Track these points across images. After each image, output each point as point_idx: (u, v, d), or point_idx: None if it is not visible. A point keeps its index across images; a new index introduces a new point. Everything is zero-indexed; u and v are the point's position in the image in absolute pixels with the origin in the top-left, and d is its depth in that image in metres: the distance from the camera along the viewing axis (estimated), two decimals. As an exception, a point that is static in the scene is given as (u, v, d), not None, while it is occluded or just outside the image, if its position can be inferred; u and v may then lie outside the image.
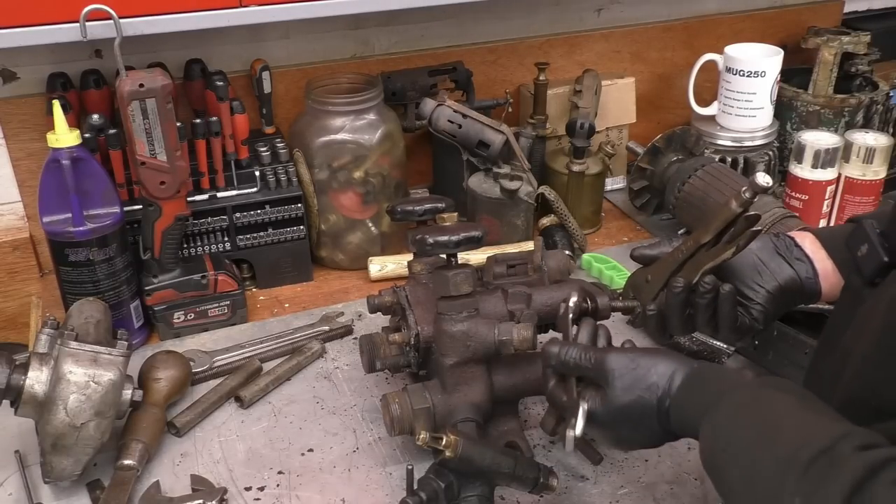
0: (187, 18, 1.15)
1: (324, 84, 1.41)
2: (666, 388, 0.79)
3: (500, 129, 1.40)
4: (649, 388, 0.79)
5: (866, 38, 1.65)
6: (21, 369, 0.94)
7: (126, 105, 1.11)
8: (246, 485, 1.00)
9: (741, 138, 1.56)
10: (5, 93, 1.31)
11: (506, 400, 1.03)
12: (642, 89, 1.71)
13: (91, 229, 1.14)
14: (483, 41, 1.60)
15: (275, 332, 1.26)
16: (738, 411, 0.72)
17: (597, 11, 1.67)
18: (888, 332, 0.72)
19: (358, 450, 1.05)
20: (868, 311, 0.78)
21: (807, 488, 0.60)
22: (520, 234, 1.43)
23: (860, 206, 1.48)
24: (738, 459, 0.69)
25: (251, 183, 1.34)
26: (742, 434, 0.70)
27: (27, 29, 1.09)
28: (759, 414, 0.71)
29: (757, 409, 0.72)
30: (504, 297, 1.04)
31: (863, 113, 1.62)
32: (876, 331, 0.74)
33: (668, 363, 0.80)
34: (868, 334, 0.75)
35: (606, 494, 0.98)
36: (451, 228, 0.98)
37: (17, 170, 1.34)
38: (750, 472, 0.67)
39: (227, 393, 1.13)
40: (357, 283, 1.41)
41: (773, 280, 0.94)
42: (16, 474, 1.01)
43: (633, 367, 0.81)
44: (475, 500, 0.89)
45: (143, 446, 1.00)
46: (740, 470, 0.68)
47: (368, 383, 1.17)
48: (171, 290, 1.25)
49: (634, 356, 0.82)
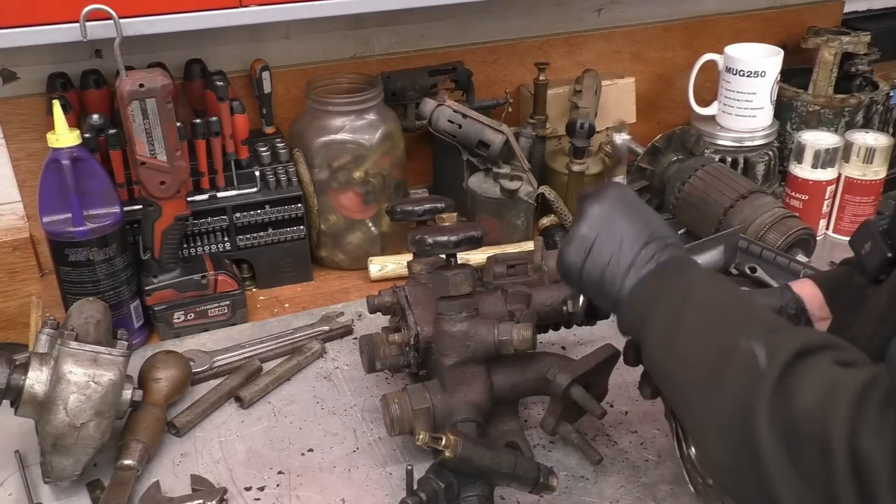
0: (187, 18, 1.15)
1: (324, 84, 1.41)
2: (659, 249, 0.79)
3: (500, 129, 1.40)
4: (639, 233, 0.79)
5: (866, 38, 1.65)
6: (21, 369, 0.94)
7: (126, 105, 1.11)
8: (246, 485, 1.00)
9: (741, 138, 1.56)
10: (5, 93, 1.31)
11: (506, 400, 1.03)
12: (642, 89, 1.71)
13: (91, 229, 1.14)
14: (483, 41, 1.60)
15: (275, 332, 1.26)
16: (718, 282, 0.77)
17: (597, 11, 1.67)
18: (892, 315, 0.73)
19: (358, 450, 1.05)
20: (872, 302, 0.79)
21: (769, 337, 0.63)
22: (520, 234, 1.44)
23: (860, 205, 1.48)
24: (704, 307, 0.72)
25: (251, 183, 1.34)
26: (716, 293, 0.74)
27: (27, 29, 1.09)
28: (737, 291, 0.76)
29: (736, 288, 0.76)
30: (504, 297, 1.04)
31: (863, 113, 1.62)
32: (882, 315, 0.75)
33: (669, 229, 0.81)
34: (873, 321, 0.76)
35: (606, 494, 0.98)
36: (451, 228, 0.98)
37: (17, 170, 1.34)
38: (713, 316, 0.70)
39: (227, 393, 1.13)
40: (357, 283, 1.41)
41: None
42: (16, 474, 1.01)
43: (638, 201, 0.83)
44: (475, 500, 0.89)
45: (143, 446, 1.00)
46: (703, 314, 0.71)
47: (368, 383, 1.17)
48: (171, 290, 1.25)
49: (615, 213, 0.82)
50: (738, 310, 0.71)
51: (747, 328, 0.66)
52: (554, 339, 1.22)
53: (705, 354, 0.67)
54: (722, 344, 0.66)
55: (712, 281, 0.77)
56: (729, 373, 0.63)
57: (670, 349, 0.72)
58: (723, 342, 0.66)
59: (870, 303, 0.80)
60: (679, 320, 0.72)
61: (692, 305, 0.72)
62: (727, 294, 0.74)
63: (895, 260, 0.79)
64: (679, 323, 0.72)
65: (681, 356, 0.71)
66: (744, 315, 0.70)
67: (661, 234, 0.80)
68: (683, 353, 0.70)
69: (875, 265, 0.81)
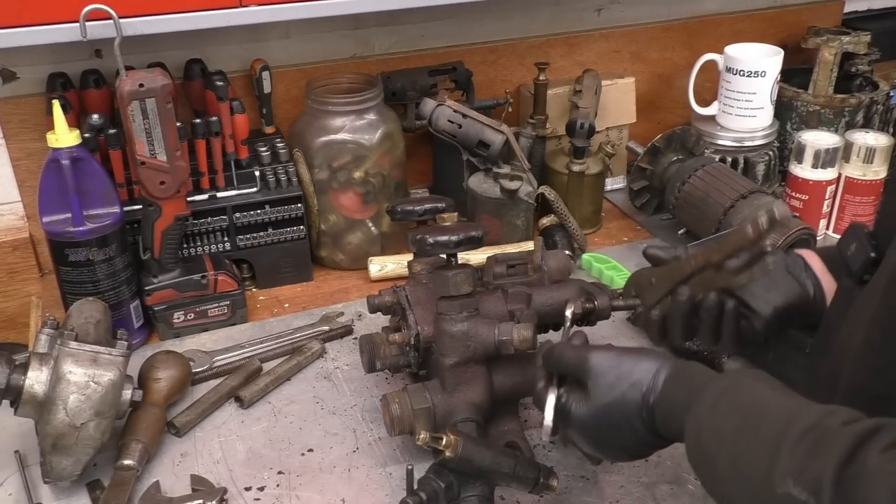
0: (187, 18, 1.15)
1: (324, 84, 1.41)
2: (651, 385, 0.77)
3: (500, 129, 1.40)
4: (633, 385, 0.78)
5: (866, 38, 1.65)
6: (21, 369, 0.94)
7: (126, 105, 1.11)
8: (246, 485, 1.00)
9: (741, 138, 1.56)
10: (5, 93, 1.31)
11: (506, 400, 1.03)
12: (642, 89, 1.71)
13: (91, 229, 1.14)
14: (483, 41, 1.60)
15: (275, 332, 1.26)
16: (721, 399, 0.71)
17: (597, 11, 1.67)
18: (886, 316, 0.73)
19: (358, 450, 1.05)
20: (861, 304, 0.79)
21: (797, 465, 0.60)
22: (520, 234, 1.43)
23: (860, 206, 1.48)
24: (725, 445, 0.68)
25: (251, 183, 1.34)
26: (727, 420, 0.69)
27: (27, 29, 1.09)
28: (742, 400, 0.70)
29: (739, 396, 0.71)
30: (504, 297, 1.04)
31: (863, 113, 1.62)
32: (872, 318, 0.74)
33: (653, 360, 0.79)
34: (864, 324, 0.76)
35: (606, 494, 0.98)
36: (451, 228, 0.98)
37: (17, 170, 1.34)
38: (737, 457, 0.66)
39: (227, 393, 1.13)
40: (357, 283, 1.41)
41: (782, 296, 0.95)
42: (16, 474, 1.01)
43: (616, 364, 0.79)
44: (475, 500, 0.89)
45: (143, 446, 1.00)
46: (728, 456, 0.67)
47: (368, 383, 1.17)
48: (171, 290, 1.25)
49: (619, 354, 0.81)
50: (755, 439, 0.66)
51: (775, 466, 0.62)
52: (554, 339, 1.22)
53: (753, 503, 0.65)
54: (761, 495, 0.63)
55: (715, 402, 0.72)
56: None
57: (721, 498, 0.70)
58: (761, 493, 0.63)
59: (857, 304, 0.80)
60: (710, 468, 0.70)
61: (713, 450, 0.69)
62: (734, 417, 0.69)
63: (878, 260, 0.80)
64: (712, 471, 0.69)
65: (729, 500, 0.69)
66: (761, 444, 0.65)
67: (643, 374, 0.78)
68: (731, 498, 0.68)
69: (859, 265, 0.82)
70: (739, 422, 0.68)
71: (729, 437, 0.68)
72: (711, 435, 0.70)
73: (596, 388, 0.79)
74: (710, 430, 0.70)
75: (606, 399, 0.79)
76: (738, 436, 0.67)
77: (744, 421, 0.68)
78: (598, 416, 0.80)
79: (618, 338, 0.98)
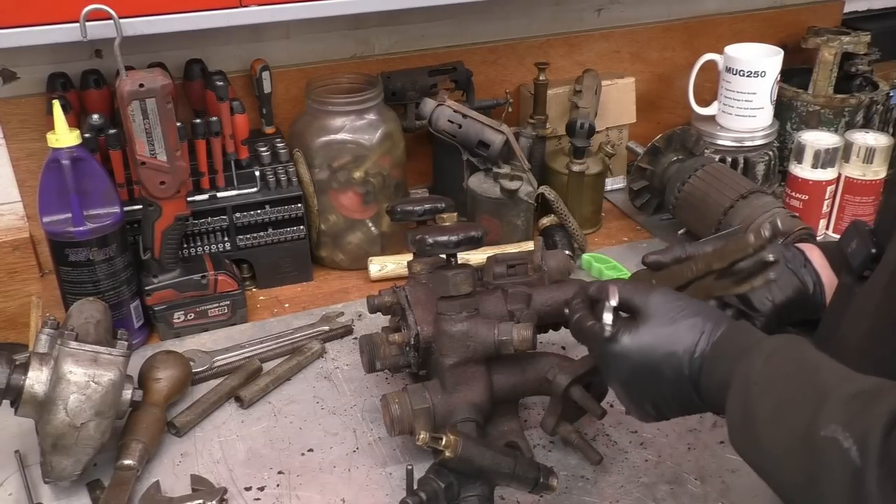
0: (187, 18, 1.15)
1: (324, 84, 1.41)
2: (710, 331, 0.76)
3: (500, 129, 1.40)
4: (693, 325, 0.76)
5: (866, 38, 1.65)
6: (21, 369, 0.94)
7: (126, 105, 1.11)
8: (246, 485, 1.00)
9: (741, 138, 1.56)
10: (5, 93, 1.31)
11: (506, 400, 1.03)
12: (642, 89, 1.71)
13: (91, 229, 1.14)
14: (483, 41, 1.60)
15: (275, 332, 1.26)
16: (777, 351, 0.70)
17: (597, 11, 1.67)
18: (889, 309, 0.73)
19: (358, 450, 1.05)
20: (863, 298, 0.79)
21: (847, 415, 0.59)
22: (520, 234, 1.43)
23: (860, 205, 1.48)
24: (775, 390, 0.67)
25: (251, 183, 1.34)
26: (779, 370, 0.68)
27: (27, 29, 1.09)
28: (797, 356, 0.70)
29: (795, 353, 0.70)
30: (504, 297, 1.04)
31: (863, 113, 1.62)
32: (876, 309, 0.75)
33: (716, 312, 0.78)
34: (867, 317, 0.76)
35: (606, 494, 0.98)
36: (451, 228, 0.98)
37: (17, 170, 1.34)
38: (784, 402, 0.65)
39: (227, 393, 1.13)
40: (357, 283, 1.41)
41: (782, 293, 0.95)
42: (16, 474, 1.01)
43: (680, 305, 0.78)
44: (475, 500, 0.89)
45: (143, 446, 1.00)
46: (774, 400, 0.66)
47: (368, 383, 1.17)
48: (171, 290, 1.25)
49: (683, 296, 0.80)
50: (806, 386, 0.66)
51: (823, 410, 0.61)
52: (554, 339, 1.22)
53: (790, 452, 0.64)
54: (803, 437, 0.62)
55: (772, 351, 0.71)
56: (824, 478, 0.59)
57: (753, 445, 0.69)
58: (803, 434, 0.62)
59: (858, 299, 0.80)
60: (751, 414, 0.68)
61: (759, 393, 0.69)
62: (788, 367, 0.69)
63: (879, 256, 0.80)
64: (752, 416, 0.69)
65: (765, 453, 0.68)
66: (813, 391, 0.64)
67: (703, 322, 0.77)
68: (767, 450, 0.67)
69: (860, 261, 0.82)
70: (793, 371, 0.67)
71: (780, 383, 0.67)
72: (761, 380, 0.69)
73: (652, 319, 0.78)
74: (761, 375, 0.69)
75: (662, 329, 0.77)
76: (789, 383, 0.66)
77: (798, 371, 0.67)
78: (647, 345, 0.77)
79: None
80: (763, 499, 0.94)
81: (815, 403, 0.62)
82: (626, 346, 0.79)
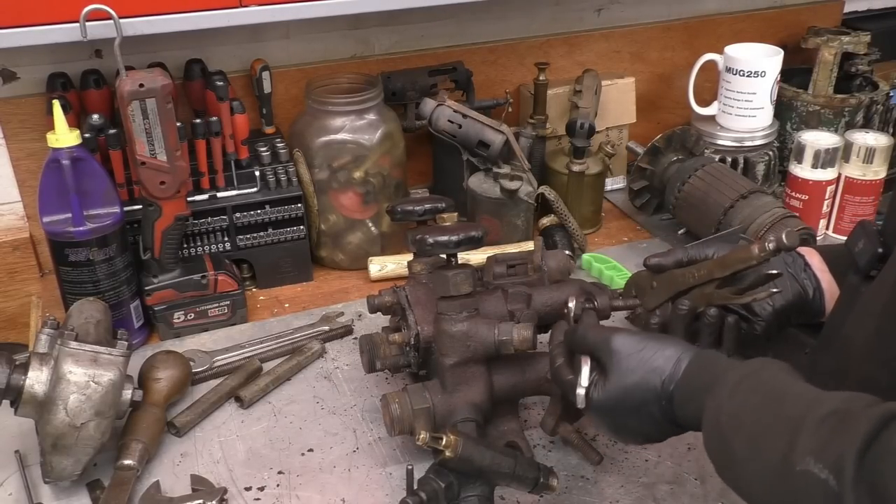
0: (187, 18, 1.15)
1: (324, 84, 1.41)
2: (672, 372, 0.77)
3: (500, 129, 1.40)
4: (654, 370, 0.77)
5: (866, 38, 1.65)
6: (21, 369, 0.94)
7: (126, 105, 1.11)
8: (246, 485, 1.00)
9: (741, 138, 1.56)
10: (5, 93, 1.31)
11: (506, 400, 1.03)
12: (642, 89, 1.71)
13: (91, 229, 1.14)
14: (483, 41, 1.60)
15: (275, 332, 1.26)
16: (742, 382, 0.71)
17: (597, 11, 1.67)
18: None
19: (358, 450, 1.05)
20: (870, 297, 0.79)
21: (819, 443, 0.60)
22: (520, 234, 1.43)
23: (860, 205, 1.48)
24: (744, 426, 0.67)
25: (251, 183, 1.34)
26: (748, 401, 0.69)
27: (27, 29, 1.09)
28: (763, 384, 0.70)
29: (761, 380, 0.71)
30: (504, 297, 1.04)
31: (863, 113, 1.62)
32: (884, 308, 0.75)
33: (676, 347, 0.79)
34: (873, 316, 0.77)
35: (606, 494, 0.98)
36: (451, 228, 0.98)
37: (17, 170, 1.34)
38: (757, 437, 0.66)
39: (227, 393, 1.13)
40: (357, 283, 1.41)
41: (782, 298, 0.95)
42: (16, 474, 1.01)
43: (639, 348, 0.79)
44: (475, 500, 0.89)
45: (143, 446, 1.00)
46: (746, 436, 0.67)
47: (368, 383, 1.17)
48: (171, 290, 1.25)
49: (643, 338, 0.80)
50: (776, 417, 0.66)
51: (795, 443, 0.62)
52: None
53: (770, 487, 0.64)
54: (780, 471, 0.63)
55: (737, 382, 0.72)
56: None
57: (736, 480, 0.70)
58: (780, 469, 0.63)
59: (865, 298, 0.80)
60: (727, 450, 0.69)
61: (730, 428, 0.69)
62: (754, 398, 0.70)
63: (885, 255, 0.80)
64: (729, 453, 0.69)
65: (747, 487, 0.68)
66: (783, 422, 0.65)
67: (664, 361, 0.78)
68: (748, 484, 0.68)
69: (866, 260, 0.83)
70: (760, 403, 0.68)
71: (749, 417, 0.68)
72: (731, 415, 0.69)
73: (617, 369, 0.79)
74: (730, 410, 0.69)
75: (626, 382, 0.78)
76: (758, 415, 0.67)
77: (765, 402, 0.68)
78: (616, 399, 0.79)
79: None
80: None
81: (786, 436, 0.63)
82: (601, 403, 0.81)
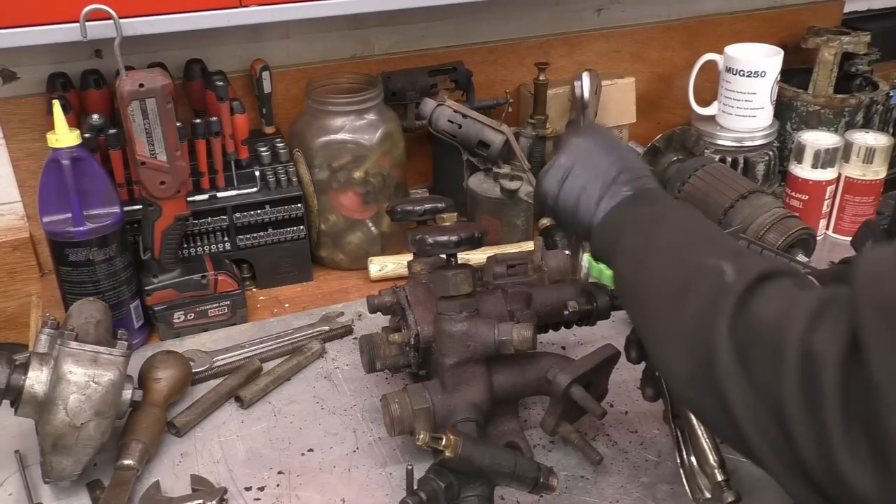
0: (187, 18, 1.15)
1: (324, 84, 1.41)
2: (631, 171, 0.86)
3: (500, 129, 1.40)
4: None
5: (866, 38, 1.65)
6: (21, 369, 0.94)
7: (126, 105, 1.11)
8: (246, 485, 1.00)
9: (741, 138, 1.56)
10: (5, 93, 1.31)
11: (506, 400, 1.03)
12: (642, 89, 1.71)
13: (91, 229, 1.14)
14: (483, 41, 1.60)
15: (275, 332, 1.26)
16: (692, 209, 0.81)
17: (597, 11, 1.67)
18: None
19: (358, 450, 1.05)
20: None
21: (735, 258, 0.67)
22: (520, 234, 1.44)
23: (860, 205, 1.48)
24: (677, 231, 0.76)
25: (251, 183, 1.34)
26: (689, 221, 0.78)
27: (27, 29, 1.09)
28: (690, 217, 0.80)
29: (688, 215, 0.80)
30: (504, 297, 1.04)
31: (863, 113, 1.62)
32: None
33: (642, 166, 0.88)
34: None
35: (606, 494, 0.98)
36: (451, 228, 0.98)
37: (17, 170, 1.34)
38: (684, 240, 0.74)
39: (227, 393, 1.13)
40: (357, 283, 1.41)
41: None
42: (16, 474, 1.01)
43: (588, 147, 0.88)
44: (475, 500, 0.89)
45: (143, 446, 1.00)
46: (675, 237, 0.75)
47: (368, 383, 1.17)
48: (171, 290, 1.25)
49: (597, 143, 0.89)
50: (709, 235, 0.76)
51: (717, 250, 0.70)
52: (554, 339, 1.22)
53: (675, 272, 0.71)
54: (692, 262, 0.70)
55: (683, 207, 0.81)
56: (696, 286, 0.67)
57: (640, 269, 0.75)
58: (692, 261, 0.70)
59: None
60: (650, 243, 0.75)
61: (664, 229, 0.76)
62: (698, 221, 0.78)
63: None
64: (650, 245, 0.75)
65: (650, 275, 0.74)
66: (714, 239, 0.74)
67: (636, 167, 0.87)
68: (653, 273, 0.74)
69: None
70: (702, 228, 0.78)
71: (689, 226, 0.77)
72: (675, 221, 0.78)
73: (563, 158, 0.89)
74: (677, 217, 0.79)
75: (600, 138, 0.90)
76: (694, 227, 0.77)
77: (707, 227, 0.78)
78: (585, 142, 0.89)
79: (618, 338, 0.98)
80: (765, 498, 0.94)
81: (713, 245, 0.72)
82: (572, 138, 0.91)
